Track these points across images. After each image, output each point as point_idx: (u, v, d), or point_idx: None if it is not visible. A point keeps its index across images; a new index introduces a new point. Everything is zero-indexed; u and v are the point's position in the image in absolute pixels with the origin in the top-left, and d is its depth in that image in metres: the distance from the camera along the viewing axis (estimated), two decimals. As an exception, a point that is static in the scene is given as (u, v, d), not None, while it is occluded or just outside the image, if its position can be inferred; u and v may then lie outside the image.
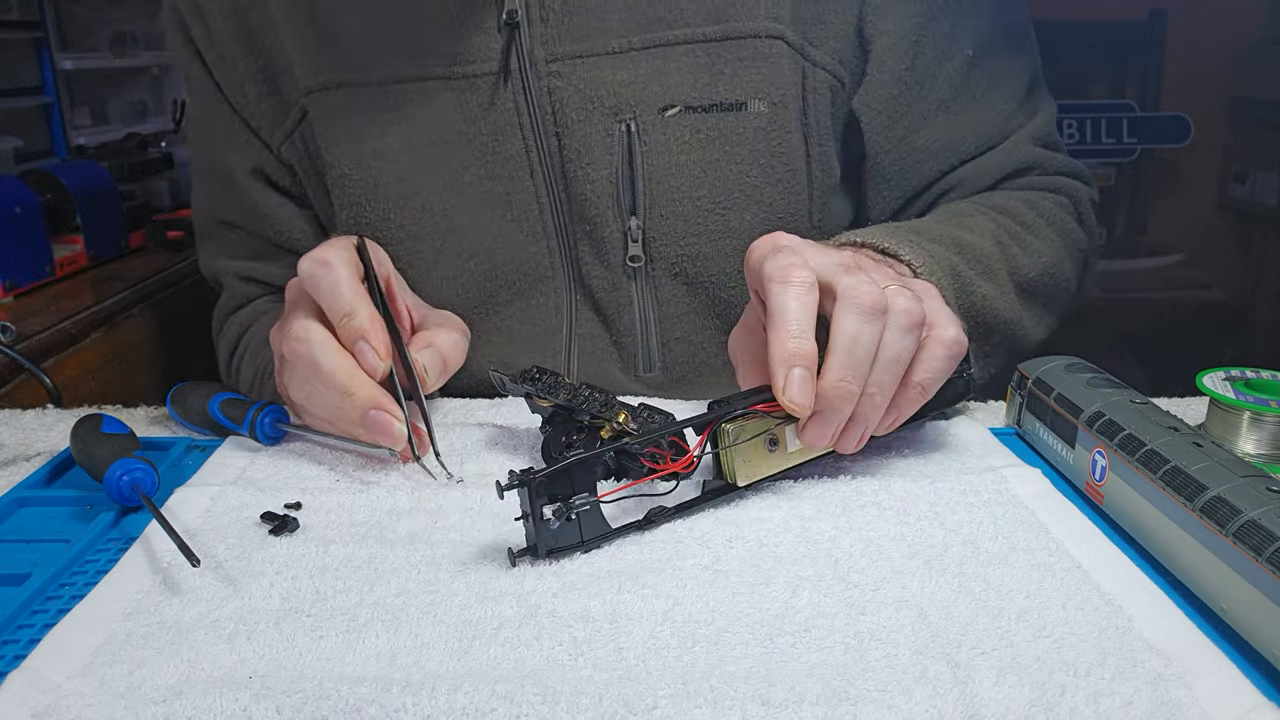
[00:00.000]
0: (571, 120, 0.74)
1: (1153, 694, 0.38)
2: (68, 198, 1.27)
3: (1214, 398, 0.59)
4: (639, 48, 0.73)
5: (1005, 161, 0.82)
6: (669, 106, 0.74)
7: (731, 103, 0.74)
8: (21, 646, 0.43)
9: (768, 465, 0.55)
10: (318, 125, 0.78)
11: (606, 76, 0.73)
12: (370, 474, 0.59)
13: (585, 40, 0.73)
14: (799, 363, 0.52)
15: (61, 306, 1.14)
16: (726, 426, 0.53)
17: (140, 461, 0.55)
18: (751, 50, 0.74)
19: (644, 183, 0.75)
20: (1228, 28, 1.97)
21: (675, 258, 0.76)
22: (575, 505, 0.49)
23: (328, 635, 0.42)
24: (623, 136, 0.74)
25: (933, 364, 0.55)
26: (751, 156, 0.75)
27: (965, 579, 0.46)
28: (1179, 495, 0.46)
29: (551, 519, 0.48)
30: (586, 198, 0.75)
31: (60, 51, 1.62)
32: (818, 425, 0.53)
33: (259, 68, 0.79)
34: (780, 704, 0.37)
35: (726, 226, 0.76)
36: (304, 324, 0.60)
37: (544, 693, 0.38)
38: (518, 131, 0.75)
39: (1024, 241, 0.77)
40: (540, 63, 0.73)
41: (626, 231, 0.75)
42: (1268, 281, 2.03)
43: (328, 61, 0.76)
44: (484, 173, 0.76)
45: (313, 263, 0.60)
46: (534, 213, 0.76)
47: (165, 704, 0.38)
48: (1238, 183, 2.04)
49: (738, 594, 0.45)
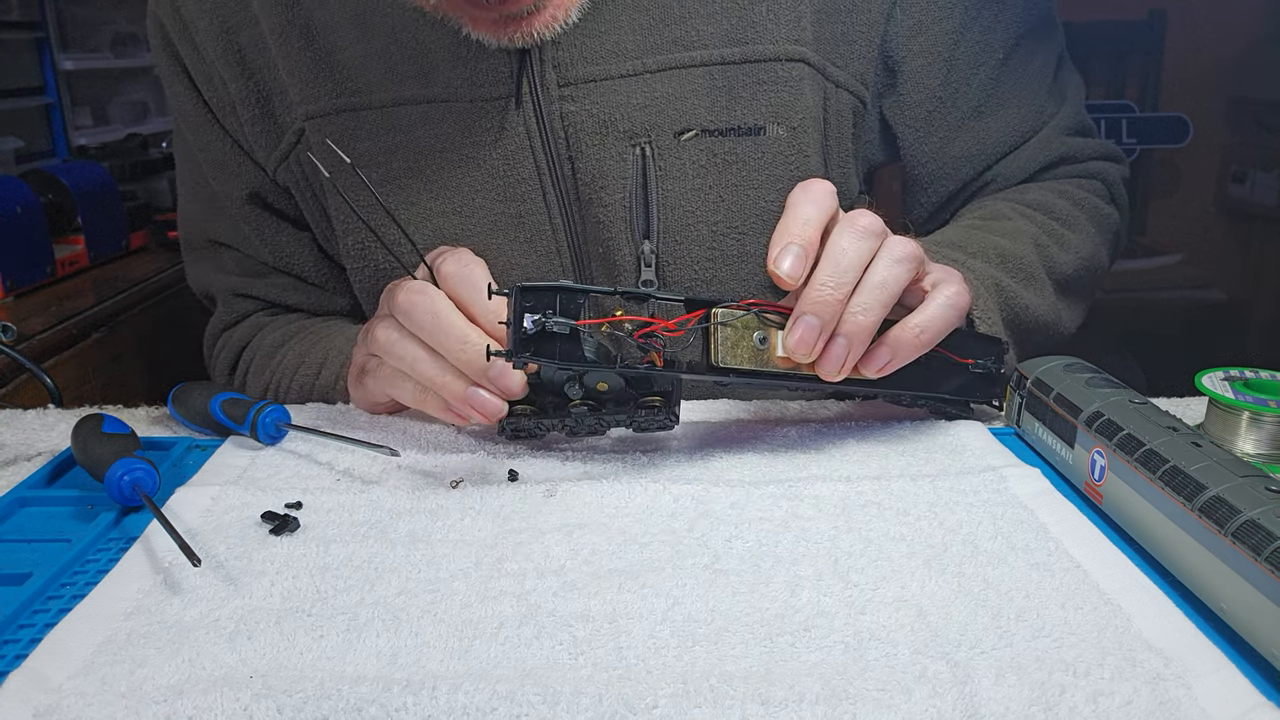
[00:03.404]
0: (585, 145, 0.72)
1: (1152, 693, 0.38)
2: (69, 198, 1.28)
3: (1213, 397, 0.59)
4: (654, 70, 0.72)
5: (1038, 155, 0.83)
6: (685, 130, 0.72)
7: (750, 127, 0.73)
8: (22, 646, 0.43)
9: (752, 359, 0.56)
10: (317, 151, 0.75)
11: (621, 100, 0.72)
12: (370, 474, 0.59)
13: (599, 63, 0.71)
14: (797, 241, 0.55)
15: (62, 306, 1.14)
16: (717, 310, 0.55)
17: (141, 461, 0.55)
18: (771, 74, 0.73)
19: (658, 207, 0.73)
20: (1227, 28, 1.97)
21: (688, 282, 0.75)
22: (551, 319, 0.52)
23: (328, 635, 0.42)
24: (637, 160, 0.72)
25: (932, 309, 0.58)
26: (769, 181, 0.74)
27: (964, 579, 0.46)
28: (1178, 495, 0.46)
29: (529, 327, 0.52)
30: (600, 221, 0.74)
31: (61, 52, 1.62)
32: (799, 329, 0.54)
33: (250, 89, 0.77)
34: (780, 703, 0.37)
35: (741, 251, 0.75)
36: (421, 285, 0.59)
37: (544, 692, 0.38)
38: (530, 156, 0.73)
39: (1062, 239, 0.78)
40: (553, 86, 0.71)
41: (640, 256, 0.74)
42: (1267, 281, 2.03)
43: (327, 86, 0.74)
44: (496, 196, 0.74)
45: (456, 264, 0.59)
46: (546, 235, 0.75)
47: (166, 703, 0.38)
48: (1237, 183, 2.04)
49: (738, 594, 0.45)
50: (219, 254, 0.86)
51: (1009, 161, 0.83)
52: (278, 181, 0.80)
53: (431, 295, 0.58)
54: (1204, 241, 2.08)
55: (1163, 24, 1.99)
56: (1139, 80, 2.02)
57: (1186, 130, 1.99)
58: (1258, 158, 1.99)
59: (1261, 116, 1.99)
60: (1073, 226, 0.80)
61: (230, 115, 0.79)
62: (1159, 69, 2.00)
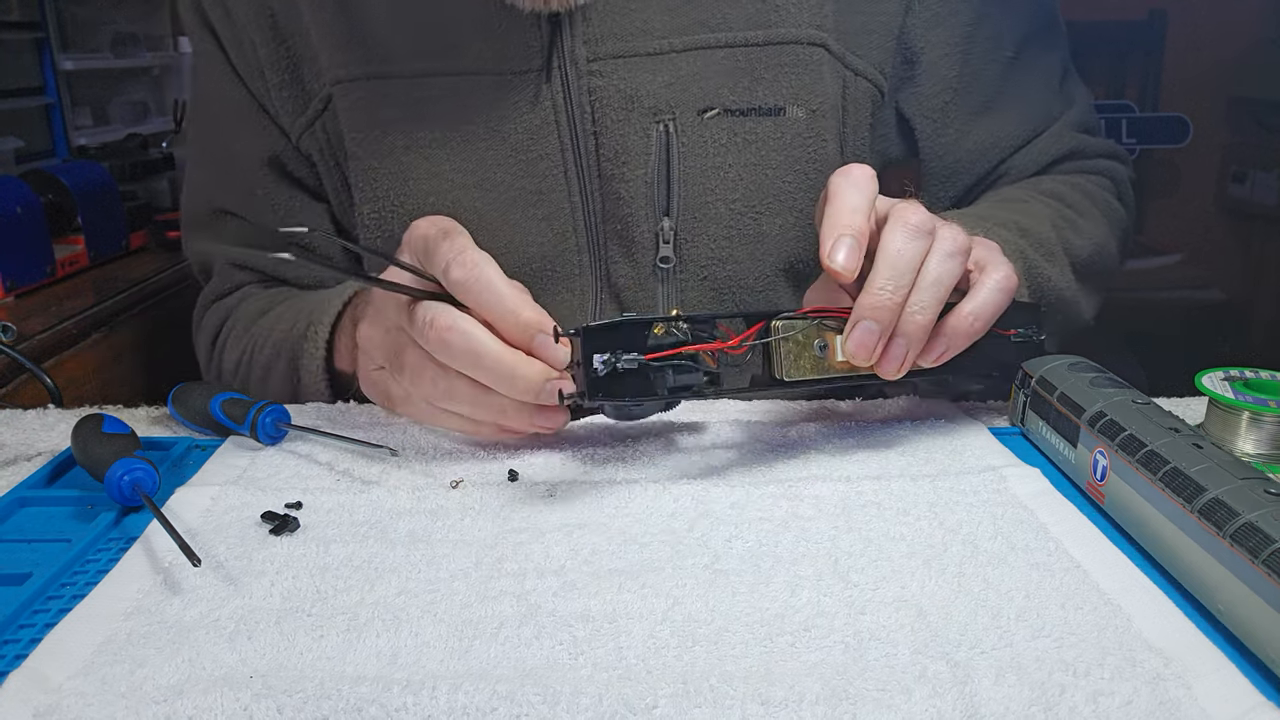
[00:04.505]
0: (610, 120, 0.74)
1: (1152, 693, 0.38)
2: (69, 198, 1.27)
3: (1213, 397, 0.59)
4: (680, 50, 0.74)
5: (1050, 149, 0.84)
6: (708, 109, 0.74)
7: (770, 108, 0.75)
8: (22, 646, 0.43)
9: (814, 368, 0.57)
10: (344, 116, 0.77)
11: (647, 77, 0.73)
12: (370, 474, 0.59)
13: (627, 40, 0.73)
14: (849, 232, 0.55)
15: (62, 306, 1.14)
16: (777, 323, 0.55)
17: (141, 461, 0.55)
18: (793, 56, 0.75)
19: (679, 184, 0.75)
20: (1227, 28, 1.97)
21: (705, 260, 0.77)
22: (621, 358, 0.51)
23: (328, 634, 0.42)
24: (661, 137, 0.74)
25: (984, 295, 0.58)
26: (787, 162, 0.76)
27: (964, 579, 0.46)
28: (1178, 496, 0.46)
29: (599, 368, 0.51)
30: (621, 197, 0.75)
31: (61, 52, 1.62)
32: (859, 334, 0.54)
33: (281, 54, 0.78)
34: (780, 703, 0.37)
35: (758, 231, 0.76)
36: (448, 314, 0.56)
37: (544, 692, 0.38)
38: (554, 130, 0.74)
39: (1076, 225, 0.80)
40: (581, 62, 0.73)
41: (659, 232, 0.76)
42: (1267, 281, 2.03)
43: (358, 53, 0.75)
44: (517, 170, 0.75)
45: (463, 269, 0.56)
46: (565, 211, 0.76)
47: (166, 703, 0.38)
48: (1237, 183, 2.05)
49: (738, 594, 0.45)
50: (223, 224, 0.85)
51: (1022, 155, 0.84)
52: (300, 148, 0.81)
53: (464, 329, 0.56)
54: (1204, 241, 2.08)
55: (1163, 24, 1.99)
56: (1139, 80, 2.02)
57: (1186, 130, 2.00)
58: (1258, 158, 1.99)
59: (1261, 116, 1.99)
60: (1085, 215, 0.81)
61: (258, 79, 0.79)
62: (1159, 69, 2.01)
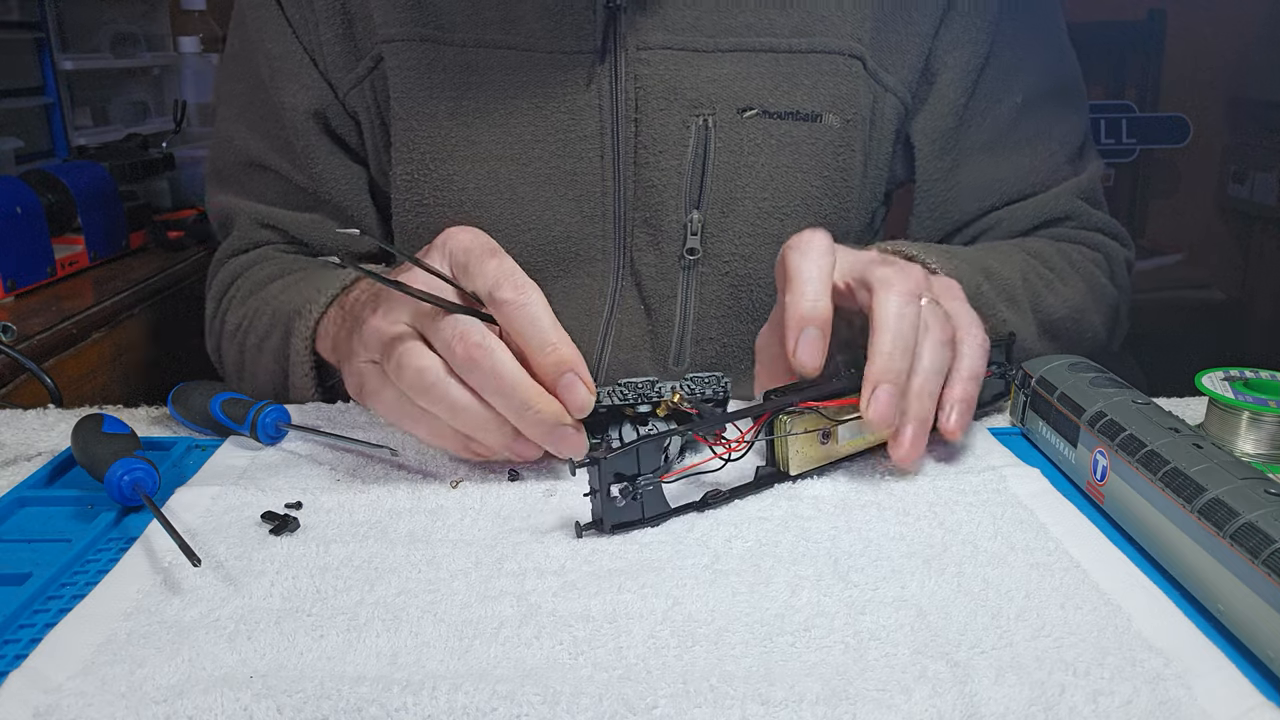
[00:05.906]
0: (652, 109, 0.76)
1: (1152, 693, 0.38)
2: (69, 198, 1.27)
3: (1213, 398, 0.59)
4: (725, 49, 0.76)
5: (1045, 209, 0.84)
6: (748, 108, 0.76)
7: (808, 113, 0.77)
8: (22, 646, 0.43)
9: (819, 456, 0.57)
10: (392, 76, 0.78)
11: (691, 71, 0.75)
12: (370, 474, 0.59)
13: (677, 34, 0.75)
14: (812, 324, 0.54)
15: (62, 306, 1.14)
16: (783, 417, 0.55)
17: (141, 461, 0.55)
18: (832, 66, 0.76)
19: (712, 178, 0.77)
20: (1227, 28, 1.98)
21: (728, 256, 0.78)
22: (641, 485, 0.51)
23: (328, 635, 0.42)
24: (700, 131, 0.76)
25: (975, 357, 0.59)
26: (817, 168, 0.78)
27: (964, 578, 0.46)
28: (1178, 496, 0.46)
29: (618, 497, 0.50)
30: (653, 185, 0.77)
31: (61, 52, 1.62)
32: (878, 399, 0.54)
33: (336, 8, 0.79)
34: (780, 703, 0.37)
35: (781, 232, 0.77)
36: (479, 331, 0.52)
37: (544, 692, 0.38)
38: (597, 113, 0.76)
39: (1051, 285, 0.79)
40: (631, 49, 0.75)
41: (687, 224, 0.77)
42: (1267, 281, 2.03)
43: (414, 14, 0.77)
44: (556, 149, 0.77)
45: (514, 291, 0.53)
46: (597, 194, 0.78)
47: (166, 703, 0.38)
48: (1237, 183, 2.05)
49: (738, 594, 0.45)
50: (253, 178, 0.85)
51: (1014, 209, 0.84)
52: (346, 106, 0.81)
53: (492, 348, 0.52)
54: (1204, 241, 2.08)
55: (1163, 24, 1.99)
56: (1139, 80, 2.03)
57: (1186, 130, 2.00)
58: (1258, 158, 1.99)
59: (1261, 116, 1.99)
60: (1063, 278, 0.81)
61: (311, 32, 0.80)
62: (1159, 69, 2.01)
